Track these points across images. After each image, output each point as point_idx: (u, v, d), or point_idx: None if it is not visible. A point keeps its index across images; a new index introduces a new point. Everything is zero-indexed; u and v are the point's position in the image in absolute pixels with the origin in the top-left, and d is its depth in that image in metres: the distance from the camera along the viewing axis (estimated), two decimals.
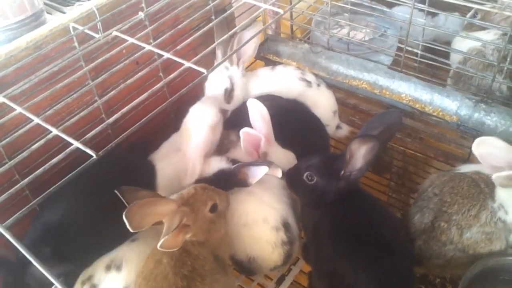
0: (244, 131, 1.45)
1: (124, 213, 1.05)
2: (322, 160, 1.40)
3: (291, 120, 1.70)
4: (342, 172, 1.34)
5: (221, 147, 1.63)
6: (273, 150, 1.55)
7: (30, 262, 1.10)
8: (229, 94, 1.75)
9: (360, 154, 1.29)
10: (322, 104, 1.83)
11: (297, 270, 1.63)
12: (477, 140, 1.33)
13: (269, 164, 1.38)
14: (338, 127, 1.93)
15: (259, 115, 1.48)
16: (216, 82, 1.75)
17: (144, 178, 1.50)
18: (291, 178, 1.46)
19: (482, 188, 1.40)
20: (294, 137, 1.64)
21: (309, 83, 1.82)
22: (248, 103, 1.50)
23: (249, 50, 1.77)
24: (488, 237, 1.37)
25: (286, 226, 1.42)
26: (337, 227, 1.33)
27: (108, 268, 1.28)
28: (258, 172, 1.37)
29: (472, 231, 1.36)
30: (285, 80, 1.81)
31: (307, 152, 1.49)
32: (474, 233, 1.36)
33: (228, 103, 1.75)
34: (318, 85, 1.84)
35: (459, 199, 1.40)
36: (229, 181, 1.42)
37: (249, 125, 1.50)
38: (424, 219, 1.44)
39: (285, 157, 1.57)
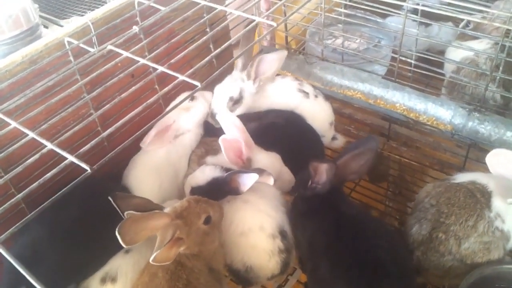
0: (222, 139, 1.47)
1: (117, 229, 1.05)
2: (304, 172, 1.47)
3: (286, 131, 1.72)
4: (310, 183, 1.43)
5: (211, 149, 1.67)
6: (256, 154, 1.57)
7: None
8: (233, 103, 1.74)
9: (321, 171, 1.39)
10: (319, 115, 1.84)
11: (294, 281, 1.63)
12: (493, 151, 1.38)
13: (260, 172, 1.39)
14: (333, 138, 1.94)
15: (232, 125, 1.51)
16: (226, 87, 1.76)
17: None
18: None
19: (478, 198, 1.40)
20: (289, 148, 1.65)
21: (306, 94, 1.83)
22: (218, 118, 1.54)
23: (269, 71, 1.76)
24: (486, 246, 1.36)
25: (282, 233, 1.42)
26: (331, 246, 1.33)
27: (103, 281, 1.29)
28: (248, 180, 1.37)
29: (470, 241, 1.36)
30: (284, 91, 1.82)
31: (302, 163, 1.50)
32: (472, 243, 1.36)
33: (231, 111, 1.74)
34: (316, 96, 1.85)
35: (456, 210, 1.39)
36: (222, 189, 1.43)
37: None
38: (422, 230, 1.43)
39: (269, 160, 1.58)
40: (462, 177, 1.51)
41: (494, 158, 1.38)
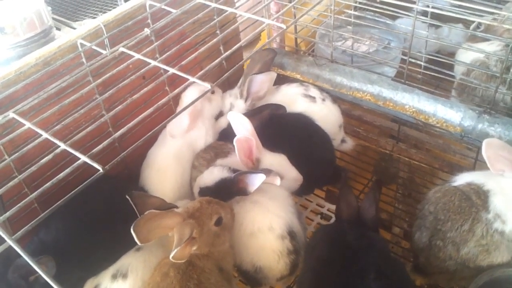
0: (237, 139, 1.49)
1: (132, 226, 1.07)
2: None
3: (298, 132, 1.73)
4: None
5: (221, 152, 1.69)
6: (264, 155, 1.59)
7: None
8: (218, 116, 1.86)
9: None
10: (328, 118, 1.85)
11: None
12: (485, 142, 1.33)
13: (267, 172, 1.40)
14: (343, 141, 1.94)
15: (241, 125, 1.54)
16: (222, 100, 1.87)
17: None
18: None
19: (473, 201, 1.36)
20: (301, 150, 1.67)
21: (313, 98, 1.84)
22: (228, 117, 1.57)
23: (260, 91, 1.82)
24: (486, 248, 1.33)
25: (291, 234, 1.43)
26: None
27: (114, 277, 1.30)
28: (256, 181, 1.39)
29: (470, 246, 1.34)
30: (288, 99, 1.83)
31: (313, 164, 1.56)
32: (471, 248, 1.34)
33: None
34: (323, 99, 1.85)
35: (451, 215, 1.37)
36: (230, 189, 1.45)
37: None
38: (422, 238, 1.43)
39: (276, 161, 1.60)
40: (461, 179, 1.47)
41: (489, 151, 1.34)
